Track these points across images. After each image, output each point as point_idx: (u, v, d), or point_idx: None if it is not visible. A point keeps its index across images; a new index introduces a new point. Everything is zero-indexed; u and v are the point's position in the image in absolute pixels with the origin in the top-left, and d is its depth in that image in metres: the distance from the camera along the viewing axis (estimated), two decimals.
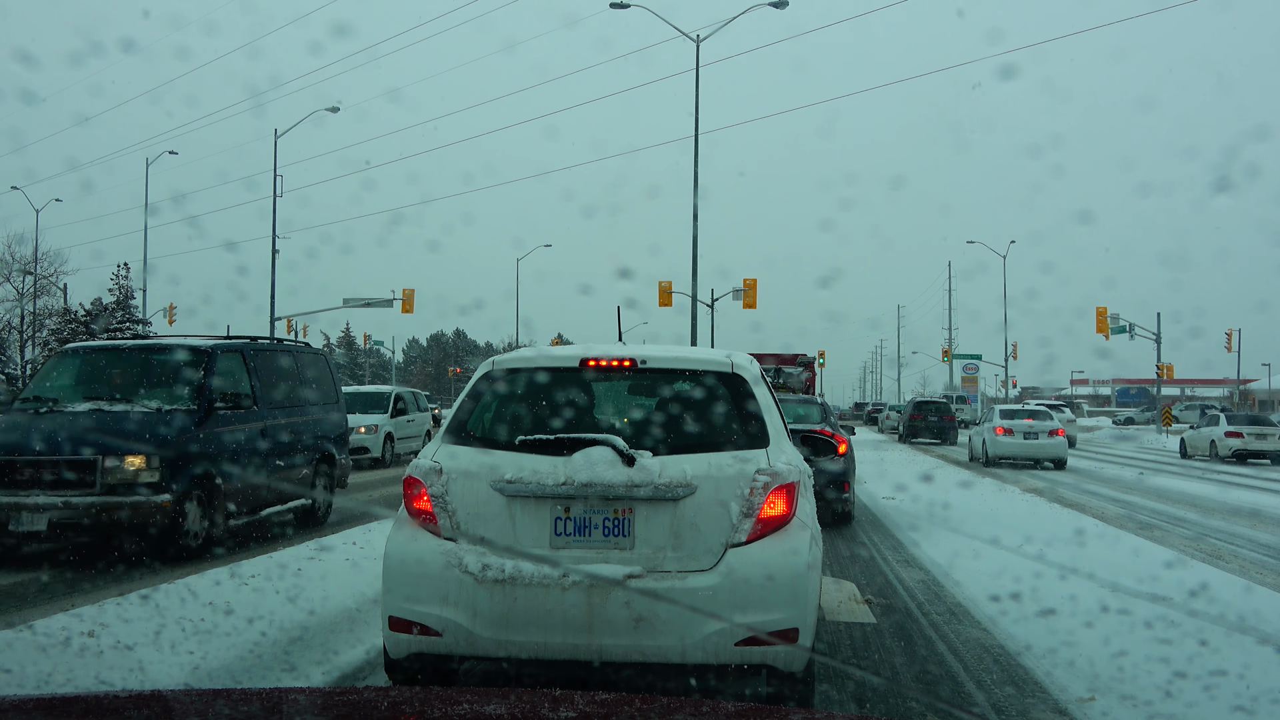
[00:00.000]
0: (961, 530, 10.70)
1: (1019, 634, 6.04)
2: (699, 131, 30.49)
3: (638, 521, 4.03)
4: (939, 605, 7.06)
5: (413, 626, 4.00)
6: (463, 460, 4.20)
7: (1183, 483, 19.58)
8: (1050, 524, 11.25)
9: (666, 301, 35.95)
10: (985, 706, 4.73)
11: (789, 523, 4.06)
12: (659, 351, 4.66)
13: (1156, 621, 6.03)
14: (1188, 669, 5.07)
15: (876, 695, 4.98)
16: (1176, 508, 14.62)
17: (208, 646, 5.19)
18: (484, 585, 3.93)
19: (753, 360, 4.84)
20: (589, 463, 4.03)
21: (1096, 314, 46.99)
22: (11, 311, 48.09)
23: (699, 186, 30.31)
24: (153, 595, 6.21)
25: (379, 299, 43.28)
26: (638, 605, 3.86)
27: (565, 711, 1.96)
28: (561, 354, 4.70)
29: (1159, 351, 48.67)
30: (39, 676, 4.61)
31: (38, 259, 47.87)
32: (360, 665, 5.25)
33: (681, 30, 30.30)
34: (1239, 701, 4.63)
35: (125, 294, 45.45)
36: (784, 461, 4.18)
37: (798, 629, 3.91)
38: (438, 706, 2.07)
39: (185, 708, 1.98)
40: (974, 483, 17.36)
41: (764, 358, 26.07)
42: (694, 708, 2.02)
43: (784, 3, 29.28)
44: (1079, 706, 4.68)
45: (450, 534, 4.08)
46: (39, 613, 6.17)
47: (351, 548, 8.20)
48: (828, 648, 5.75)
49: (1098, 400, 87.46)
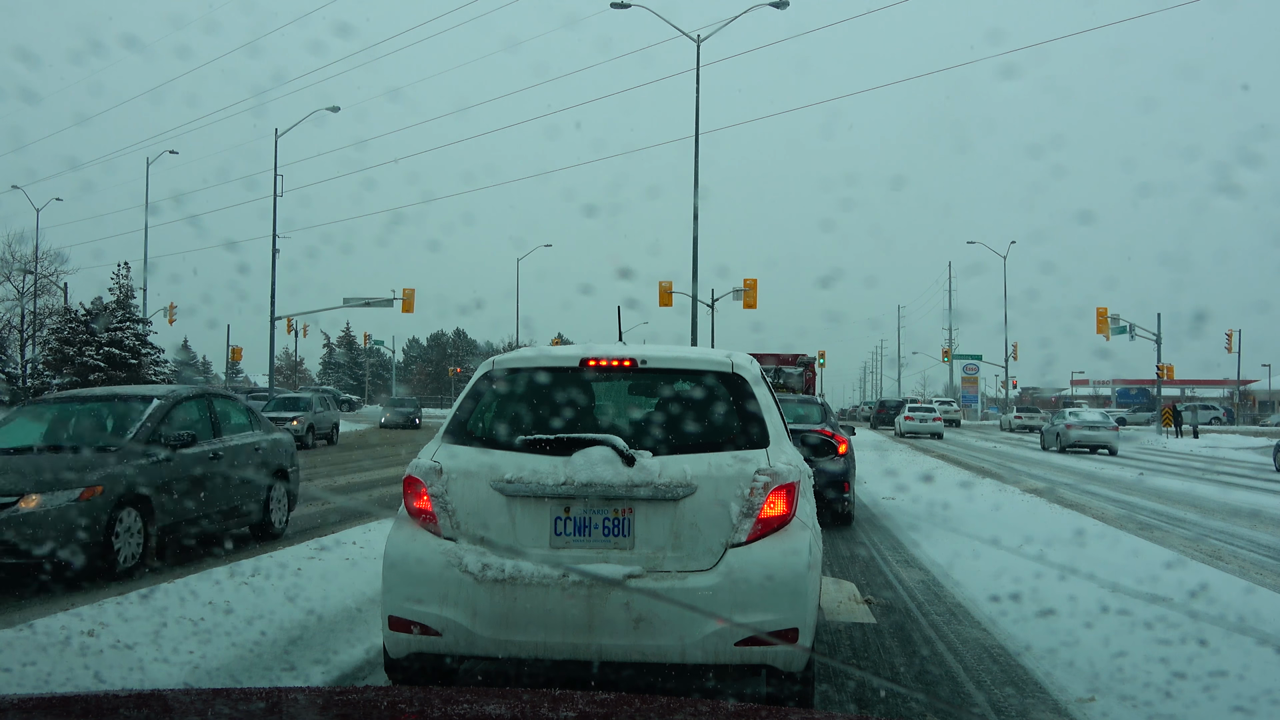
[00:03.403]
0: (961, 530, 10.70)
1: (1019, 634, 6.05)
2: (699, 131, 30.54)
3: (638, 521, 4.03)
4: (939, 605, 7.06)
5: (412, 626, 4.00)
6: (463, 460, 4.20)
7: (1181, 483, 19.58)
8: (1050, 524, 11.25)
9: (667, 301, 35.98)
10: (985, 707, 4.73)
11: (789, 523, 4.06)
12: (659, 351, 4.66)
13: (1156, 622, 6.03)
14: (1187, 669, 5.08)
15: (876, 695, 4.99)
16: (1176, 508, 14.62)
17: (207, 646, 5.19)
18: (484, 585, 3.93)
19: (753, 360, 4.84)
20: (589, 463, 4.03)
21: (1097, 314, 47.04)
22: (12, 311, 48.12)
23: (699, 186, 30.35)
24: (152, 595, 6.21)
25: (379, 299, 43.27)
26: (637, 605, 3.86)
27: (565, 711, 1.96)
28: (562, 354, 4.69)
29: (1159, 352, 48.71)
30: (39, 676, 4.61)
31: (38, 258, 47.90)
32: (360, 665, 5.24)
33: (682, 30, 30.32)
34: (1239, 702, 4.63)
35: (125, 293, 45.40)
36: (784, 461, 4.18)
37: (797, 629, 3.91)
38: (438, 706, 2.07)
39: (185, 707, 1.98)
40: (974, 483, 17.36)
41: (764, 358, 26.09)
42: (694, 708, 2.02)
43: (785, 3, 29.29)
44: (1079, 707, 4.68)
45: (450, 534, 4.08)
46: (39, 612, 6.17)
47: (351, 547, 8.21)
48: (828, 648, 5.75)
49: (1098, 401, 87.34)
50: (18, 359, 47.17)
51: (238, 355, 62.02)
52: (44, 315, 48.29)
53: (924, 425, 41.03)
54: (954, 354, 72.13)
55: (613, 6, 29.53)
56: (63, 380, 40.65)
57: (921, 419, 41.52)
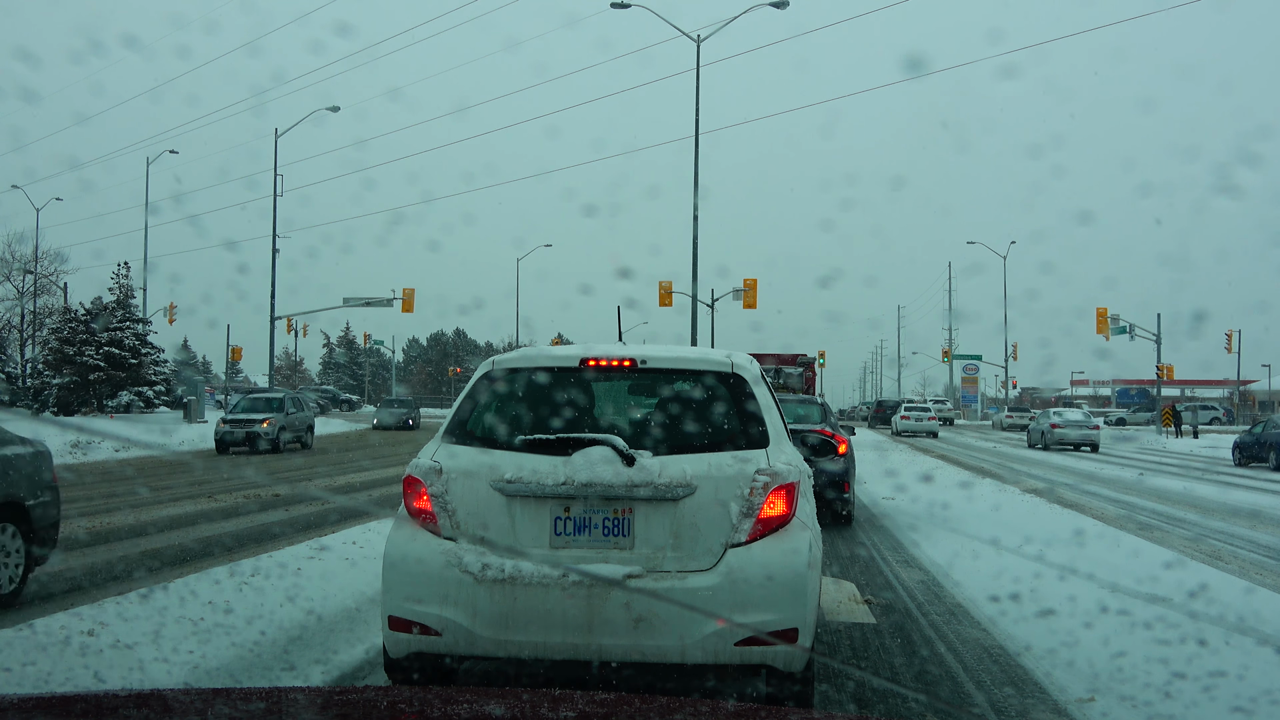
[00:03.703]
0: (961, 530, 10.70)
1: (1019, 634, 6.05)
2: (699, 131, 30.54)
3: (638, 521, 4.03)
4: (939, 605, 7.06)
5: (412, 626, 4.00)
6: (463, 460, 4.20)
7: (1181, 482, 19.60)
8: (1050, 524, 11.26)
9: (667, 301, 36.00)
10: (985, 707, 4.73)
11: (789, 523, 4.06)
12: (659, 351, 4.65)
13: (1156, 622, 6.03)
14: (1187, 670, 5.08)
15: (876, 695, 4.99)
16: (1176, 508, 14.62)
17: (207, 646, 5.20)
18: (484, 585, 3.93)
19: (753, 360, 4.83)
20: (589, 462, 4.03)
21: (1096, 314, 47.06)
22: (12, 311, 48.13)
23: (699, 186, 30.35)
24: (152, 595, 6.22)
25: (379, 298, 43.29)
26: (637, 605, 3.86)
27: (565, 711, 1.96)
28: (562, 354, 4.69)
29: (1159, 352, 48.73)
30: (39, 676, 4.61)
31: (38, 258, 47.92)
32: (360, 665, 5.24)
33: (682, 30, 30.34)
34: (1239, 702, 4.63)
35: (125, 293, 45.42)
36: (784, 461, 4.18)
37: (797, 629, 3.91)
38: (437, 706, 2.07)
39: (185, 707, 1.98)
40: (973, 483, 17.37)
41: (764, 358, 26.09)
42: (694, 708, 2.02)
43: (784, 3, 29.32)
44: (1079, 707, 4.68)
45: (450, 533, 4.08)
46: (39, 612, 6.17)
47: (351, 547, 8.21)
48: (827, 648, 5.75)
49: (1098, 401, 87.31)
50: (18, 359, 47.17)
51: (238, 355, 62.00)
52: (44, 315, 48.31)
53: (920, 424, 43.40)
54: (954, 354, 72.12)
55: (613, 6, 29.55)
56: (63, 380, 40.66)
57: (917, 418, 44.02)
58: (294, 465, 22.36)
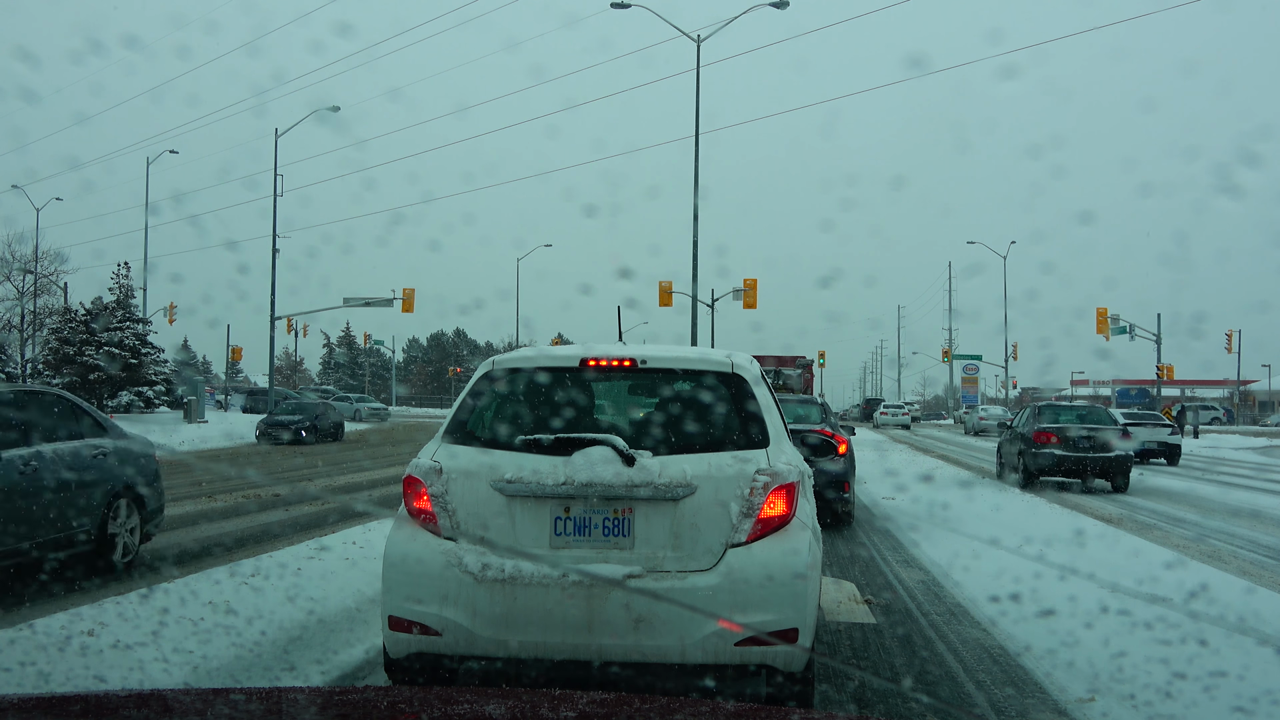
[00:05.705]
0: (961, 530, 10.70)
1: (1019, 634, 6.04)
2: (699, 131, 30.54)
3: (638, 521, 4.03)
4: (939, 606, 7.06)
5: (412, 626, 4.00)
6: (463, 460, 4.20)
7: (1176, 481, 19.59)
8: (1049, 524, 11.25)
9: (667, 301, 35.96)
10: (985, 707, 4.73)
11: (789, 523, 4.06)
12: (659, 351, 4.65)
13: (1156, 622, 6.03)
14: (1187, 670, 5.07)
15: (877, 695, 4.98)
16: (1176, 508, 14.62)
17: (207, 646, 5.19)
18: (484, 585, 3.93)
19: (753, 360, 4.83)
20: (589, 463, 4.03)
21: (1097, 315, 47.02)
22: (12, 311, 48.10)
23: (699, 186, 30.35)
24: (152, 595, 6.21)
25: (379, 298, 43.27)
26: (637, 605, 3.85)
27: (565, 711, 1.96)
28: (562, 354, 4.69)
29: (1159, 352, 48.70)
30: (39, 676, 4.61)
31: (38, 258, 47.90)
32: (360, 665, 5.24)
33: (682, 30, 30.33)
34: (1239, 702, 4.63)
35: (125, 293, 45.40)
36: (784, 462, 4.18)
37: (797, 629, 3.91)
38: (437, 706, 2.06)
39: (185, 707, 1.98)
40: (973, 483, 17.37)
41: (764, 359, 26.10)
42: (694, 708, 2.02)
43: (784, 3, 29.31)
44: (1079, 707, 4.68)
45: (450, 533, 4.08)
46: (39, 612, 6.16)
47: (351, 547, 8.21)
48: (828, 648, 5.75)
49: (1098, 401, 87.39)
50: (17, 359, 47.15)
51: (238, 355, 62.06)
52: (44, 315, 48.28)
53: (894, 419, 55.83)
54: (954, 354, 72.05)
55: (613, 6, 29.54)
56: (63, 380, 40.64)
57: (893, 414, 57.14)
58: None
